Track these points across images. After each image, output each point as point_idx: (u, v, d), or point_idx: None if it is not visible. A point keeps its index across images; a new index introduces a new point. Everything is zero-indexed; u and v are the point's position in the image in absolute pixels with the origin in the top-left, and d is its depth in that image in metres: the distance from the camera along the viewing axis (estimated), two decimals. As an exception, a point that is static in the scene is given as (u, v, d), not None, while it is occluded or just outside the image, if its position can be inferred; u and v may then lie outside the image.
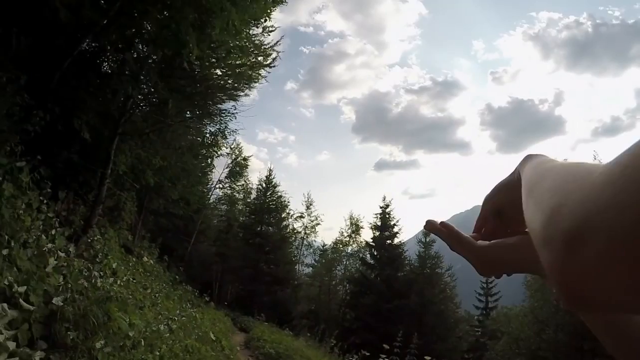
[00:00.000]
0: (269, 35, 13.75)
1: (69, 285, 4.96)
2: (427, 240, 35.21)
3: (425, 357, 10.85)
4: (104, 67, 13.54)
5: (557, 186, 0.42)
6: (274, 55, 14.15)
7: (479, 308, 41.77)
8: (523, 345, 22.72)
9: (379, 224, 36.34)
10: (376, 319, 30.32)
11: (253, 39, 13.40)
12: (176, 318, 9.67)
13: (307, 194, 42.84)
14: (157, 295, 11.40)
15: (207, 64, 12.71)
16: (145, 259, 16.21)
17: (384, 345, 11.49)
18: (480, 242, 0.71)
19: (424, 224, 0.80)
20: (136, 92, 11.97)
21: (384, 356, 11.33)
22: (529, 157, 0.64)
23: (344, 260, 41.33)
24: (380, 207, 36.89)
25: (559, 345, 20.66)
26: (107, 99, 12.06)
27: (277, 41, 14.26)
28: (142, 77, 12.08)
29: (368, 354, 13.12)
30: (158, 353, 6.11)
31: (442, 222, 0.78)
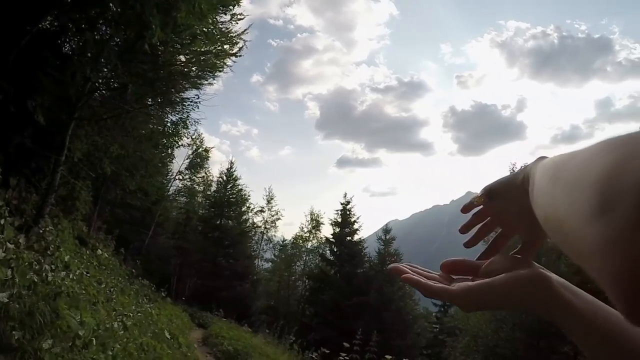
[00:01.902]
0: (237, 23, 13.41)
1: (16, 280, 4.58)
2: (387, 237, 35.79)
3: (386, 356, 10.73)
4: (65, 48, 12.91)
5: (608, 147, 0.37)
6: (240, 44, 13.81)
7: (437, 305, 42.27)
8: (481, 343, 23.02)
9: (339, 220, 36.42)
10: (336, 315, 30.39)
11: (220, 26, 13.01)
12: (131, 314, 9.24)
13: (268, 188, 42.42)
14: (112, 290, 10.91)
15: (171, 49, 12.24)
16: (99, 251, 15.57)
17: (344, 344, 11.30)
18: (458, 286, 0.63)
19: (389, 269, 0.72)
20: (95, 75, 11.39)
21: (343, 354, 11.14)
22: (541, 157, 0.60)
23: (303, 255, 41.48)
24: (341, 204, 36.98)
25: (516, 343, 20.96)
26: (65, 82, 11.41)
27: (245, 30, 13.87)
28: (102, 60, 11.53)
29: (327, 351, 12.85)
30: (111, 353, 5.73)
31: (409, 270, 0.70)
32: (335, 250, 35.81)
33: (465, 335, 24.96)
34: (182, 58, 13.18)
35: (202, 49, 12.95)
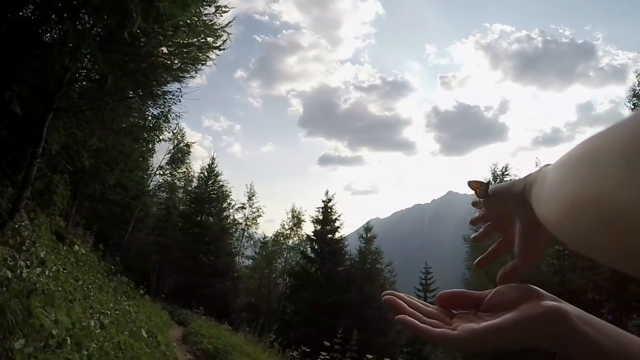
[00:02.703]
0: (221, 16, 13.21)
1: (-11, 277, 4.39)
2: (368, 235, 36.16)
3: (367, 356, 10.68)
4: (46, 37, 12.56)
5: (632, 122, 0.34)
6: (224, 37, 13.61)
7: None
8: None
9: (320, 217, 36.38)
10: (316, 313, 30.32)
11: (204, 18, 12.80)
12: (109, 312, 9.01)
13: (250, 185, 42.32)
14: (89, 287, 10.65)
15: (153, 40, 11.99)
16: (77, 247, 15.24)
17: (325, 342, 11.22)
18: (462, 329, 0.57)
19: (384, 300, 0.63)
20: (74, 65, 11.10)
21: (324, 353, 11.06)
22: (546, 165, 0.56)
23: (284, 253, 41.43)
24: (323, 201, 36.99)
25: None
26: (44, 72, 11.13)
27: (229, 22, 13.66)
28: (83, 51, 11.25)
29: (308, 349, 12.92)
30: (86, 352, 5.53)
31: (404, 303, 0.62)
32: (316, 247, 35.76)
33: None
34: (165, 50, 12.92)
35: (185, 41, 12.73)
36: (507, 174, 29.37)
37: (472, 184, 0.78)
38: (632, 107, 22.83)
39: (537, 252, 0.66)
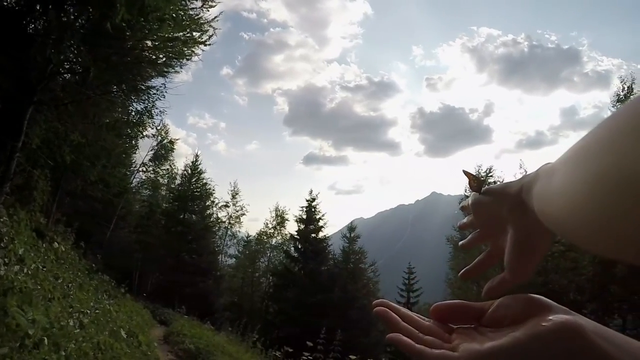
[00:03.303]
0: (208, 11, 13.04)
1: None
2: (352, 235, 36.30)
3: (351, 357, 10.65)
4: (30, 28, 12.28)
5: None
6: (210, 32, 13.41)
7: (400, 303, 42.37)
8: None
9: (304, 217, 36.41)
10: (300, 312, 30.35)
11: (190, 12, 12.62)
12: (89, 311, 8.81)
13: (234, 183, 41.94)
14: (69, 285, 10.43)
15: (138, 34, 11.77)
16: (57, 244, 14.93)
17: (308, 342, 11.15)
18: (464, 350, 0.50)
19: (375, 311, 0.58)
20: (56, 56, 10.86)
21: (307, 354, 11.00)
22: (546, 164, 0.54)
23: (267, 252, 41.23)
24: (307, 201, 37.03)
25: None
26: (27, 63, 10.86)
27: (216, 17, 13.47)
28: (66, 43, 11.01)
29: (291, 349, 12.86)
30: (64, 353, 5.37)
31: (397, 316, 0.57)
32: (299, 247, 35.81)
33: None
34: (149, 43, 12.69)
35: (170, 35, 12.53)
36: (491, 176, 29.61)
37: (468, 174, 0.74)
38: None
39: (530, 264, 0.61)
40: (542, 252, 0.60)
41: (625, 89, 23.41)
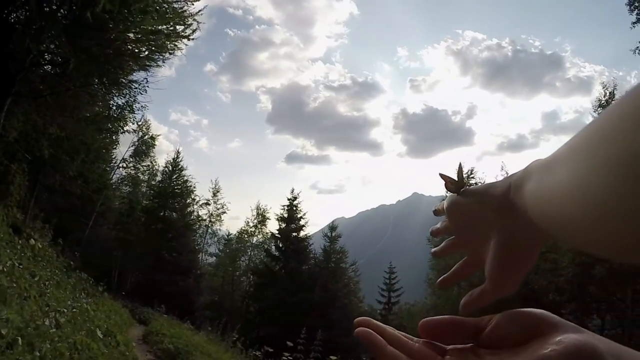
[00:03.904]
0: (193, 4, 12.87)
1: None
2: (333, 235, 36.50)
3: (331, 357, 10.61)
4: (12, 18, 11.98)
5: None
6: (194, 26, 13.22)
7: (381, 302, 43.23)
8: None
9: (285, 215, 36.47)
10: (280, 311, 30.37)
11: (174, 5, 12.42)
12: (66, 310, 8.60)
13: (215, 181, 41.73)
14: (46, 283, 10.22)
15: (120, 26, 11.52)
16: (34, 241, 14.63)
17: (288, 343, 11.08)
18: None
19: (356, 332, 0.51)
20: (35, 45, 10.60)
21: (287, 354, 10.92)
22: (535, 160, 0.49)
23: (248, 250, 41.23)
24: (288, 199, 37.07)
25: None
26: (7, 53, 10.58)
27: (200, 10, 13.29)
28: (47, 33, 10.75)
29: (271, 349, 12.81)
30: (39, 353, 5.23)
31: (380, 336, 0.50)
32: (280, 246, 35.93)
33: (409, 333, 25.37)
34: (132, 36, 12.48)
35: (153, 28, 12.35)
36: (473, 177, 29.82)
37: (443, 176, 0.69)
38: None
39: (516, 275, 0.55)
40: (531, 261, 0.54)
41: (607, 94, 24.13)
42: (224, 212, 41.57)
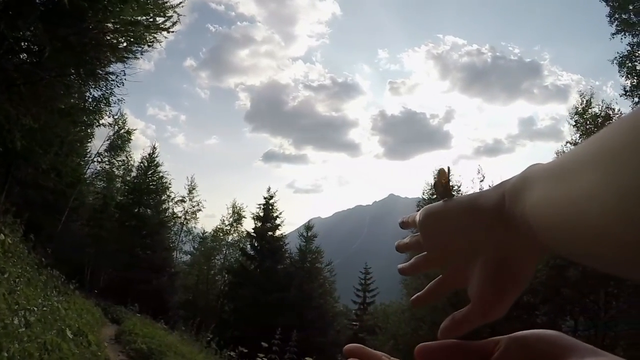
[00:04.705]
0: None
1: None
2: (309, 234, 36.60)
3: (306, 358, 10.54)
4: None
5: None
6: (174, 18, 13.00)
7: (356, 303, 43.56)
8: (401, 341, 23.61)
9: (261, 214, 36.37)
10: (255, 311, 30.25)
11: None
12: (36, 309, 8.32)
13: (191, 178, 41.26)
14: (16, 280, 9.86)
15: (99, 14, 11.22)
16: (2, 236, 14.16)
17: (262, 343, 10.96)
18: None
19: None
20: (10, 33, 10.24)
21: (261, 355, 10.80)
22: (534, 165, 0.45)
23: (223, 249, 40.82)
24: (264, 198, 36.95)
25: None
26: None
27: (180, 2, 13.04)
28: (23, 19, 10.41)
29: (246, 350, 12.60)
30: (7, 354, 5.02)
31: None
32: (256, 245, 35.81)
33: (385, 333, 25.50)
34: (110, 26, 12.17)
35: (132, 18, 12.08)
36: (449, 180, 29.96)
37: (442, 172, 0.62)
38: (574, 123, 24.55)
39: (509, 296, 0.49)
40: (525, 281, 0.49)
41: (584, 102, 24.47)
42: (200, 210, 41.08)
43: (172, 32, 13.31)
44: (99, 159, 34.27)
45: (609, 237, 0.30)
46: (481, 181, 25.74)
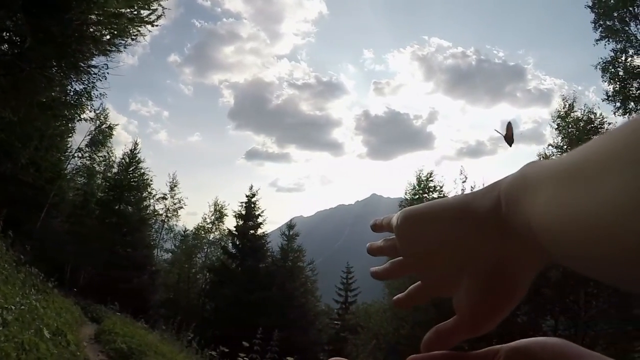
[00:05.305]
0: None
1: None
2: (291, 233, 36.56)
3: (288, 358, 10.52)
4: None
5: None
6: (159, 12, 12.83)
7: (338, 302, 43.71)
8: (383, 340, 23.68)
9: (243, 213, 36.27)
10: (237, 310, 30.12)
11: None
12: (14, 307, 8.10)
13: (173, 175, 40.92)
14: (-7, 278, 9.66)
15: (83, 5, 10.99)
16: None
17: (243, 343, 10.89)
18: None
19: None
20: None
21: (243, 355, 10.73)
22: (532, 163, 0.40)
23: (205, 247, 40.67)
24: (247, 196, 36.85)
25: (416, 340, 21.31)
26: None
27: (166, -7, 12.88)
28: (3, 9, 10.15)
29: (227, 349, 12.69)
30: (-17, 354, 4.82)
31: None
32: (237, 243, 35.69)
33: (367, 332, 25.57)
34: (94, 18, 11.94)
35: (116, 10, 11.84)
36: (432, 180, 30.08)
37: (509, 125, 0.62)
38: (557, 127, 24.98)
39: (501, 310, 0.44)
40: (520, 293, 0.44)
41: (567, 106, 25.00)
42: (181, 207, 40.86)
43: (157, 26, 13.14)
44: (80, 155, 33.83)
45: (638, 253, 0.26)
46: (463, 182, 26.05)
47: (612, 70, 20.91)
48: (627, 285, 0.26)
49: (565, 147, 23.39)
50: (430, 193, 29.71)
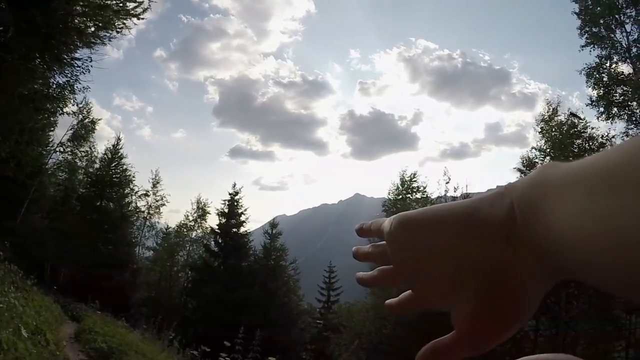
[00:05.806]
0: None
1: None
2: (274, 232, 36.49)
3: (270, 358, 10.46)
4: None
5: None
6: (145, 4, 12.66)
7: (321, 301, 43.85)
8: (365, 340, 23.63)
9: (226, 211, 36.06)
10: (219, 309, 29.95)
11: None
12: (-8, 306, 7.90)
13: (155, 171, 40.43)
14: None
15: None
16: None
17: (225, 343, 10.80)
18: None
19: None
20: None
21: (224, 354, 10.65)
22: (551, 165, 0.35)
23: (187, 245, 40.34)
24: (230, 194, 36.65)
25: (398, 340, 21.76)
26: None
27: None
28: None
29: (208, 349, 12.64)
30: (-42, 354, 4.64)
31: None
32: (220, 241, 35.45)
33: (349, 332, 25.59)
34: (79, 9, 11.70)
35: (101, 2, 11.66)
36: (415, 181, 30.19)
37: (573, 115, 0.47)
38: (540, 130, 25.08)
39: (507, 330, 0.40)
40: (529, 312, 0.40)
41: (550, 110, 25.13)
42: (164, 205, 40.37)
43: (143, 19, 13.00)
44: (62, 149, 33.11)
45: None
46: (447, 183, 26.08)
47: (597, 76, 21.16)
48: None
49: (548, 150, 23.55)
50: (414, 193, 29.87)
